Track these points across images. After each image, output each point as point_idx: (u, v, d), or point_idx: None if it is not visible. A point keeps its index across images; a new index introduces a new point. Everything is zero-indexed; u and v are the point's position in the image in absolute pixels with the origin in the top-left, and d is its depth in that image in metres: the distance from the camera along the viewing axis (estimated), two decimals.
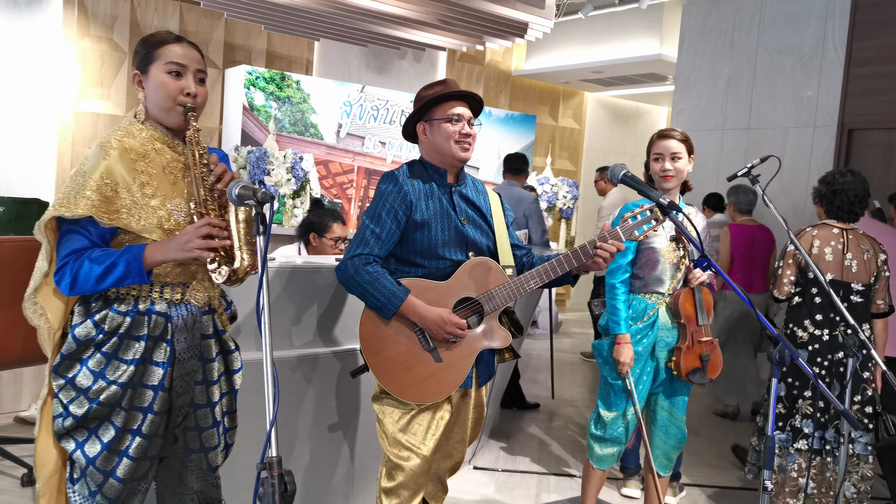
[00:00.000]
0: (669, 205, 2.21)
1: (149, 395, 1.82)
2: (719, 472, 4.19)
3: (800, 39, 6.34)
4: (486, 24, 7.37)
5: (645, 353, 2.89)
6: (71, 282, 1.75)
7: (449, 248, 2.35)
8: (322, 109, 8.31)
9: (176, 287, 1.86)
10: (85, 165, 1.79)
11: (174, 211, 1.82)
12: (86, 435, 1.80)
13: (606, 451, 3.00)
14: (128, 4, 7.87)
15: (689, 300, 2.84)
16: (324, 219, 3.65)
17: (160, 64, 1.84)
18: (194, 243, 1.72)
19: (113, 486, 1.80)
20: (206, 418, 1.95)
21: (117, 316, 1.80)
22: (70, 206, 1.73)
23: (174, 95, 1.84)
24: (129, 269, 1.73)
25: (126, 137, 1.84)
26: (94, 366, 1.79)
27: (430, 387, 2.31)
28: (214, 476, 2.01)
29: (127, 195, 1.77)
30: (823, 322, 3.28)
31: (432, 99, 2.35)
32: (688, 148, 2.88)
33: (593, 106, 11.61)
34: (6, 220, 4.79)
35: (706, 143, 6.95)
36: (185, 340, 1.87)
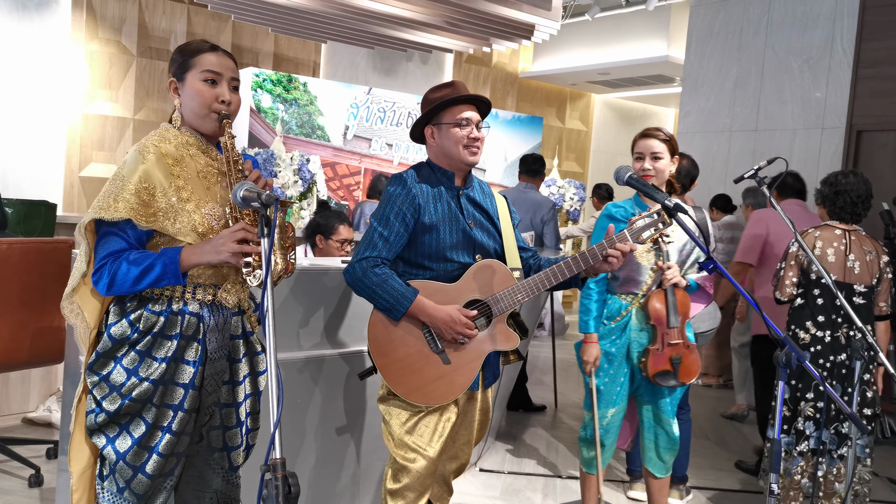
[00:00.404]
0: (675, 207, 2.20)
1: (179, 392, 1.87)
2: (727, 475, 4.17)
3: (808, 41, 6.31)
4: (493, 26, 7.37)
5: (619, 354, 2.89)
6: (109, 282, 1.80)
7: (456, 251, 2.35)
8: (329, 111, 8.33)
9: (208, 288, 1.90)
10: (123, 169, 1.84)
11: (208, 215, 1.87)
12: (117, 431, 1.85)
13: (592, 453, 3.00)
14: (136, 7, 7.90)
15: (661, 301, 2.82)
16: (330, 221, 3.66)
17: (196, 72, 1.89)
18: (228, 247, 1.76)
19: (141, 481, 1.84)
20: (230, 417, 1.99)
21: (152, 315, 1.85)
22: (109, 209, 1.78)
23: (209, 103, 1.89)
24: (166, 270, 1.79)
25: (162, 143, 1.89)
26: (128, 363, 1.84)
27: (438, 389, 2.31)
28: (235, 476, 2.04)
29: (163, 199, 1.82)
30: (825, 323, 3.27)
31: (441, 103, 2.34)
32: (670, 148, 2.85)
33: (600, 108, 11.60)
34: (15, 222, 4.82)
35: (714, 145, 6.94)
36: (215, 340, 1.92)
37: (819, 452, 3.24)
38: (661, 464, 3.02)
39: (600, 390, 2.92)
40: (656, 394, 2.95)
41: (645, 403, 2.98)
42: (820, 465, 3.24)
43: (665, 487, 3.09)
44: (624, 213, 2.89)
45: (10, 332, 3.28)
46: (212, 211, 1.88)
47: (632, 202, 2.93)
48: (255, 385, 2.06)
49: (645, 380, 2.93)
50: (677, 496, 3.71)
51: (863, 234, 3.34)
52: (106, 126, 7.91)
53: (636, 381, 2.95)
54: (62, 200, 7.51)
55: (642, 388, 2.97)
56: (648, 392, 2.96)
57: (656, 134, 2.86)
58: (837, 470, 3.24)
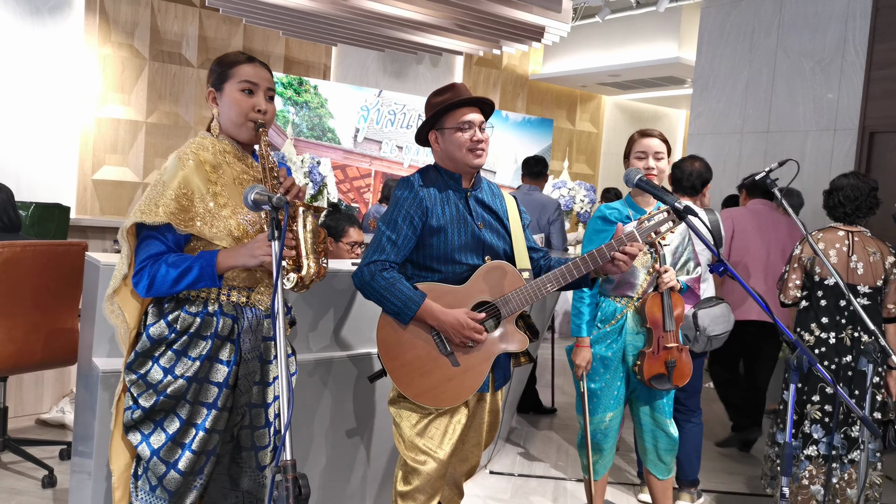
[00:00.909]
0: (685, 208, 2.19)
1: (213, 391, 1.93)
2: (738, 479, 4.15)
3: (820, 42, 6.28)
4: (503, 28, 7.37)
5: (615, 358, 2.87)
6: (148, 284, 1.87)
7: (465, 253, 2.35)
8: (339, 114, 8.36)
9: (242, 291, 1.97)
10: (164, 175, 1.91)
11: (243, 220, 1.94)
12: (152, 427, 1.92)
13: (593, 458, 2.99)
14: (148, 11, 7.96)
15: (657, 304, 2.81)
16: (340, 223, 3.67)
17: (234, 82, 1.97)
18: (262, 251, 1.82)
19: (173, 478, 1.89)
20: (259, 417, 2.04)
21: (188, 316, 1.92)
22: (150, 214, 1.85)
23: (246, 112, 1.96)
24: (203, 273, 1.86)
25: (200, 150, 1.96)
26: (165, 363, 1.91)
27: (448, 391, 2.31)
28: (262, 475, 2.08)
29: (201, 204, 1.89)
30: (829, 325, 3.26)
31: (442, 108, 2.35)
32: (668, 148, 2.88)
33: (611, 109, 11.58)
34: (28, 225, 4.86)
35: (725, 147, 6.91)
36: (249, 341, 1.98)
37: (832, 458, 3.22)
38: (663, 465, 3.01)
39: (597, 394, 2.91)
40: (653, 396, 2.93)
41: (642, 406, 2.97)
42: (833, 471, 3.22)
43: (669, 489, 3.07)
44: (617, 216, 2.88)
45: (23, 334, 3.31)
46: (247, 216, 1.94)
47: (623, 203, 2.92)
48: (289, 388, 2.08)
49: (639, 383, 2.92)
50: (688, 499, 3.69)
51: (868, 235, 3.32)
52: (118, 129, 7.96)
53: (632, 384, 2.93)
54: (75, 203, 7.57)
55: (638, 391, 2.95)
56: (645, 394, 2.94)
57: (657, 133, 2.87)
58: (848, 475, 3.22)
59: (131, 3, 7.85)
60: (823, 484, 3.22)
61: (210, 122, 2.04)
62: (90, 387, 2.35)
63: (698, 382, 3.73)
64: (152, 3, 7.96)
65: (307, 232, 1.82)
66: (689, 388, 3.67)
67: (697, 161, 3.66)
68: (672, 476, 3.05)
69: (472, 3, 6.61)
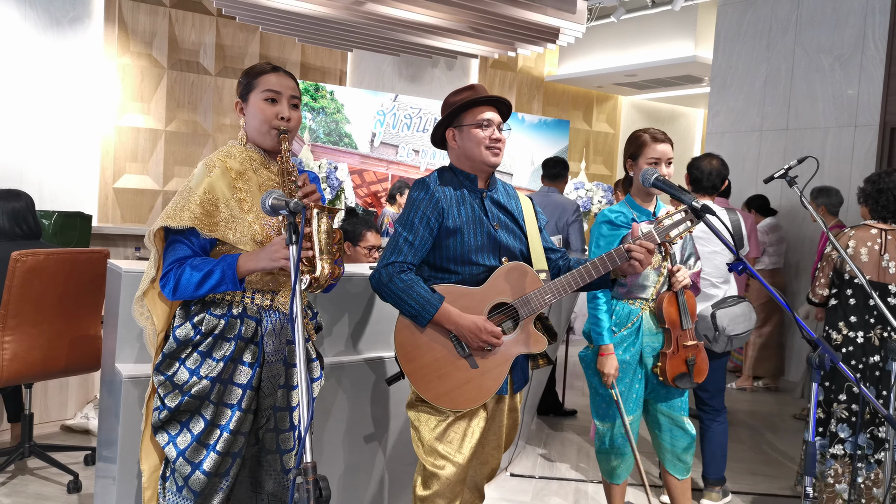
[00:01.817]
0: (703, 208, 2.18)
1: (237, 392, 1.97)
2: (763, 480, 4.11)
3: (839, 38, 6.21)
4: (518, 31, 7.36)
5: (633, 360, 2.85)
6: (174, 286, 1.93)
7: (482, 254, 2.34)
8: (356, 119, 8.39)
9: (266, 294, 2.02)
10: (191, 182, 1.98)
11: (266, 225, 1.99)
12: (178, 428, 1.97)
13: (613, 463, 2.96)
14: (166, 21, 8.05)
15: (673, 304, 2.79)
16: (357, 227, 3.68)
17: (258, 92, 2.03)
18: (280, 254, 1.86)
19: (199, 478, 1.93)
20: (283, 421, 2.07)
21: (213, 319, 1.97)
22: (176, 218, 1.92)
23: (269, 119, 2.02)
24: (225, 276, 1.91)
25: (227, 158, 2.04)
26: (191, 364, 1.97)
27: (466, 394, 2.30)
28: (287, 479, 2.09)
29: (226, 209, 1.96)
30: (858, 324, 3.21)
31: (461, 105, 2.35)
32: None
33: (628, 109, 11.53)
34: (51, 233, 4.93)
35: (744, 145, 6.85)
36: (272, 344, 2.02)
37: (858, 458, 3.18)
38: (682, 465, 2.97)
39: (612, 398, 2.89)
40: (669, 395, 2.91)
41: (659, 406, 2.94)
42: (859, 470, 3.18)
43: (688, 490, 3.03)
44: (623, 219, 2.86)
45: (47, 341, 3.36)
46: (269, 221, 2.00)
47: (625, 205, 2.90)
48: (308, 391, 2.09)
49: (658, 383, 2.89)
50: (714, 498, 3.67)
51: None
52: (138, 138, 8.05)
53: (650, 385, 2.91)
54: (97, 211, 7.66)
55: (655, 392, 2.92)
56: (662, 395, 2.92)
57: (669, 139, 2.86)
58: (875, 475, 3.18)
59: (149, 13, 7.94)
60: (849, 483, 3.19)
61: (239, 132, 2.12)
62: (113, 392, 2.37)
63: (721, 382, 3.70)
64: (170, 13, 8.05)
65: (321, 233, 1.85)
66: (713, 388, 3.64)
67: (714, 159, 3.62)
68: (689, 476, 3.02)
69: (486, 6, 6.61)
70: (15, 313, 3.24)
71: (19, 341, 3.27)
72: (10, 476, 3.57)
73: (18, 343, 3.27)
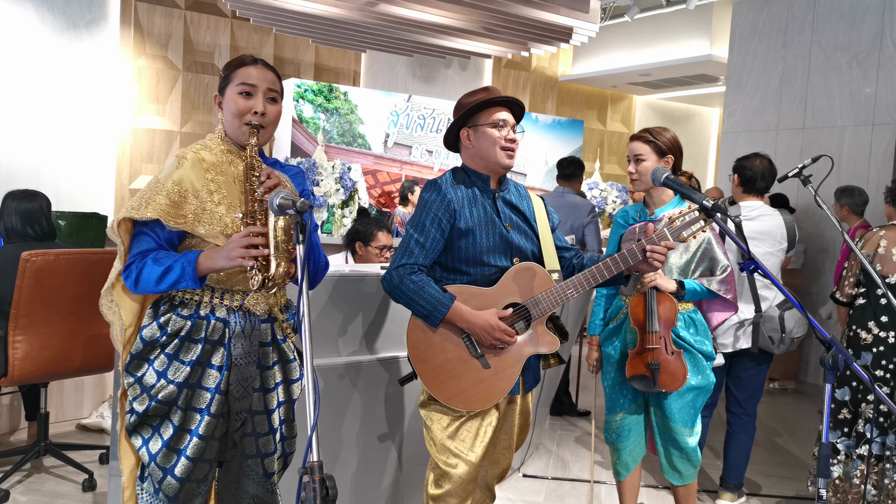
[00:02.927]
0: (713, 207, 2.16)
1: (206, 396, 1.91)
2: (779, 482, 4.07)
3: (856, 35, 6.15)
4: (531, 31, 7.35)
5: (616, 356, 2.84)
6: (136, 279, 1.87)
7: (494, 255, 2.34)
8: (369, 120, 8.41)
9: (235, 294, 1.94)
10: (161, 174, 1.93)
11: (238, 219, 1.92)
12: (150, 432, 1.91)
13: (613, 458, 2.96)
14: (181, 23, 8.10)
15: (640, 305, 2.73)
16: (369, 228, 3.69)
17: (234, 85, 1.97)
18: (237, 252, 1.79)
19: (171, 484, 1.88)
20: (262, 424, 2.00)
21: (180, 319, 1.91)
22: (140, 210, 1.86)
23: (242, 114, 1.95)
24: (184, 272, 1.83)
25: (202, 150, 1.98)
26: (158, 366, 1.91)
27: (479, 393, 2.30)
28: (270, 482, 2.05)
29: (196, 201, 1.89)
30: (889, 324, 3.17)
31: (477, 104, 2.35)
32: (656, 149, 2.74)
33: (642, 109, 11.48)
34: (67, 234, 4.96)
35: (760, 144, 6.80)
36: (241, 346, 1.94)
37: (887, 458, 3.14)
38: (676, 473, 2.89)
39: (608, 394, 2.91)
40: (662, 402, 2.80)
41: (654, 410, 2.86)
42: (887, 472, 3.14)
43: (691, 495, 2.95)
44: (625, 218, 2.87)
45: (59, 341, 3.38)
46: (240, 215, 1.93)
47: (638, 206, 2.89)
48: (288, 393, 2.07)
49: None
50: (730, 499, 3.64)
51: None
52: (154, 139, 8.11)
53: None
54: (113, 212, 7.72)
55: (650, 395, 2.85)
56: (654, 400, 2.84)
57: (641, 135, 2.78)
58: None
59: (165, 16, 8.00)
60: (875, 484, 3.15)
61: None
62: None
63: (760, 387, 3.65)
64: (185, 15, 8.11)
65: (278, 231, 1.77)
66: (752, 390, 3.59)
67: (763, 158, 3.52)
68: (694, 482, 2.93)
69: (499, 6, 6.60)
70: (26, 313, 3.26)
71: (30, 341, 3.30)
72: (26, 474, 3.61)
73: (30, 343, 3.30)
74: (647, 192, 2.83)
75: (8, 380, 3.33)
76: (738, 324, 3.42)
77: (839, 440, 3.29)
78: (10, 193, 3.62)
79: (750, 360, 3.52)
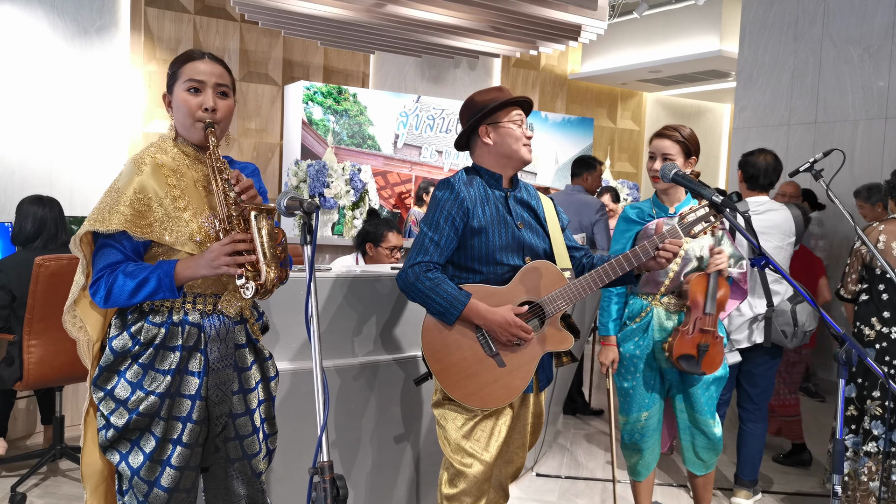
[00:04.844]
0: (723, 203, 2.15)
1: (186, 404, 1.85)
2: (795, 478, 4.04)
3: (868, 28, 6.10)
4: (539, 29, 7.34)
5: (643, 355, 2.82)
6: (105, 294, 1.79)
7: (506, 254, 2.34)
8: (379, 121, 8.42)
9: (208, 298, 1.88)
10: (119, 181, 1.82)
11: (205, 223, 1.85)
12: (129, 447, 1.84)
13: (632, 459, 2.94)
14: (191, 28, 8.14)
15: (701, 285, 2.71)
16: (379, 228, 3.69)
17: (181, 82, 1.88)
18: (221, 260, 1.73)
19: (158, 495, 1.83)
20: (245, 426, 1.97)
21: (152, 327, 1.83)
22: (104, 221, 1.77)
23: (193, 112, 1.87)
24: (161, 284, 1.76)
25: (159, 153, 1.88)
26: (131, 377, 1.83)
27: (494, 392, 2.30)
28: (259, 482, 2.02)
29: (159, 209, 1.81)
30: (892, 319, 3.14)
31: (501, 103, 2.36)
32: (684, 149, 2.75)
33: (652, 106, 11.43)
34: None
35: (772, 140, 6.75)
36: (217, 350, 1.89)
37: (892, 455, 3.11)
38: (701, 463, 2.94)
39: (630, 394, 2.86)
40: (690, 393, 2.85)
41: (679, 403, 2.90)
42: (894, 468, 3.11)
43: (710, 484, 3.01)
44: (640, 215, 2.84)
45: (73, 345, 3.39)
46: (208, 220, 1.86)
47: (650, 203, 2.86)
48: (267, 391, 2.04)
49: (677, 380, 2.86)
50: (745, 496, 3.62)
51: None
52: None
53: (667, 381, 2.87)
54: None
55: (675, 388, 2.88)
56: (682, 391, 2.87)
57: (671, 134, 2.76)
58: None
59: (174, 21, 8.05)
60: (883, 480, 3.12)
61: None
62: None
63: (772, 382, 3.63)
64: (194, 20, 8.15)
65: (263, 236, 1.73)
66: (764, 385, 3.58)
67: (768, 154, 3.51)
68: (713, 471, 2.98)
69: (506, 5, 6.60)
70: (40, 318, 3.29)
71: (45, 345, 3.32)
72: (42, 477, 3.63)
73: (44, 347, 3.32)
74: (663, 190, 2.83)
75: (23, 384, 3.36)
76: (752, 319, 3.40)
77: (847, 437, 3.26)
78: (25, 199, 3.65)
79: (762, 356, 3.51)
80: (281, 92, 8.61)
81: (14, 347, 3.40)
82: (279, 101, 8.63)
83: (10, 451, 3.77)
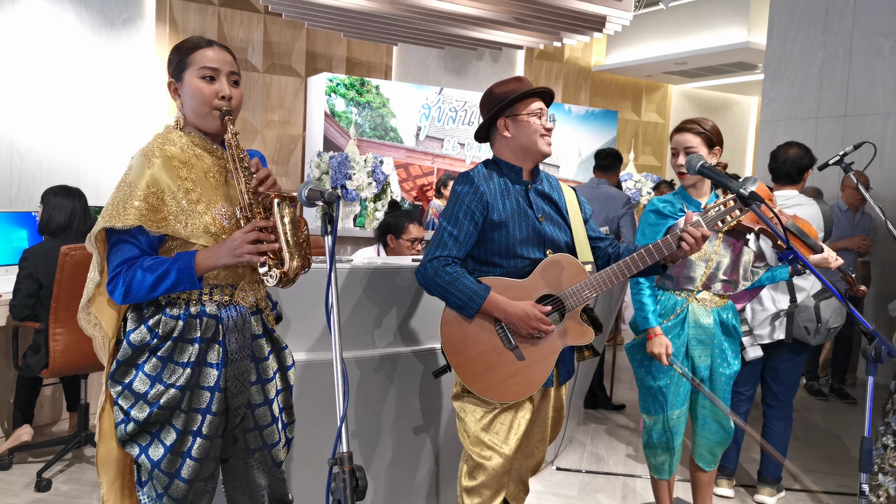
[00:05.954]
0: (750, 195, 2.11)
1: (206, 396, 1.84)
2: (822, 477, 3.99)
3: None
4: (563, 20, 7.28)
5: (678, 353, 2.79)
6: (125, 291, 1.76)
7: (527, 247, 2.32)
8: (401, 113, 8.41)
9: (225, 289, 1.87)
10: (130, 175, 1.80)
11: (218, 215, 1.83)
12: (148, 439, 1.83)
13: (660, 458, 2.91)
14: (215, 19, 8.18)
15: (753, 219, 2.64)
16: (400, 220, 3.69)
17: (193, 70, 1.84)
18: (244, 248, 1.72)
19: (179, 486, 1.83)
20: (264, 417, 1.96)
21: (170, 320, 1.82)
22: (119, 217, 1.74)
23: (210, 100, 1.83)
24: (182, 276, 1.75)
25: (167, 145, 1.85)
26: (150, 370, 1.81)
27: (513, 386, 2.29)
28: (280, 471, 2.02)
29: (173, 202, 1.78)
30: None
31: (519, 95, 2.33)
32: (707, 140, 2.70)
33: (678, 98, 11.31)
34: None
35: (800, 133, 6.65)
36: (235, 341, 1.88)
37: None
38: (711, 457, 2.95)
39: (663, 392, 2.82)
40: (714, 390, 2.85)
41: (702, 400, 2.88)
42: None
43: (712, 481, 3.02)
44: (670, 209, 2.79)
45: None
46: (222, 211, 1.84)
47: (676, 196, 2.82)
48: (285, 380, 2.04)
49: (704, 377, 2.84)
50: (768, 493, 3.58)
51: None
52: None
53: (698, 376, 2.85)
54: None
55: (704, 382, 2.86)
56: (706, 387, 2.86)
57: (691, 127, 2.73)
58: None
59: (199, 12, 8.09)
60: None
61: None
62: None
63: (797, 379, 3.59)
64: (219, 12, 8.19)
65: (286, 225, 1.72)
66: (789, 383, 3.55)
67: (793, 147, 3.46)
68: (715, 468, 2.99)
69: None
70: (65, 306, 3.33)
71: (70, 334, 3.37)
72: (67, 464, 3.69)
73: (70, 335, 3.37)
74: (691, 184, 2.79)
75: (49, 371, 3.40)
76: (774, 314, 3.36)
77: None
78: (51, 189, 3.69)
79: (787, 352, 3.46)
80: (304, 84, 8.63)
81: (40, 336, 3.45)
82: (302, 92, 8.66)
83: (37, 438, 3.83)
